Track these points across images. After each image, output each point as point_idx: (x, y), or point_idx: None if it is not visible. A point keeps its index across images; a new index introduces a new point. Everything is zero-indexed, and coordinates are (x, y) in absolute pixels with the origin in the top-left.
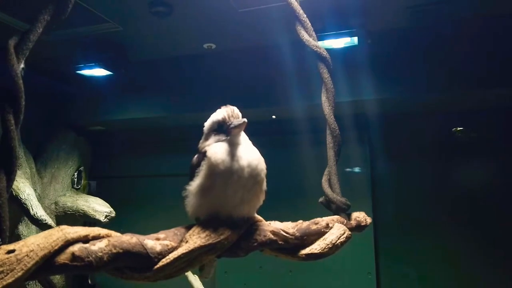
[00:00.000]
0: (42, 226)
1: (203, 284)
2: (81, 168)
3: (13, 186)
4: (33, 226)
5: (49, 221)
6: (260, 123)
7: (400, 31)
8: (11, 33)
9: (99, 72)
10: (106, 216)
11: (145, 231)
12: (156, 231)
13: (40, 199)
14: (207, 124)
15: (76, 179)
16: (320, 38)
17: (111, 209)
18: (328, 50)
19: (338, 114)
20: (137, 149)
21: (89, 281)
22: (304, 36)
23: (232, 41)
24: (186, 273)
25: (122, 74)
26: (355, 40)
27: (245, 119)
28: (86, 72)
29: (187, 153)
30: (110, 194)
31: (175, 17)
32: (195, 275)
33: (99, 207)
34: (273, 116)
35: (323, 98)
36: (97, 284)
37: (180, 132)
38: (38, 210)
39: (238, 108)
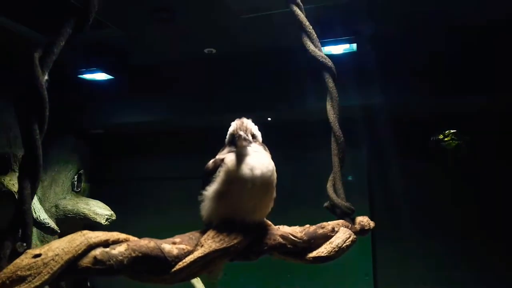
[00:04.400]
0: (45, 229)
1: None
2: (81, 171)
3: (15, 190)
4: (35, 229)
5: (52, 224)
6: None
7: (398, 37)
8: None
9: (101, 76)
10: (107, 219)
11: (145, 234)
12: (156, 233)
13: (40, 202)
14: (227, 136)
15: (76, 182)
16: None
17: (112, 212)
18: (327, 56)
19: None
20: (137, 152)
21: (88, 284)
22: (310, 46)
23: (232, 46)
24: None
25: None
26: (354, 46)
27: (241, 133)
28: (88, 76)
29: (186, 156)
30: (110, 197)
31: (177, 23)
32: (197, 277)
33: (100, 210)
34: (269, 119)
35: (328, 106)
36: (96, 286)
37: (180, 135)
38: (41, 214)
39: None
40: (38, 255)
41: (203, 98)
